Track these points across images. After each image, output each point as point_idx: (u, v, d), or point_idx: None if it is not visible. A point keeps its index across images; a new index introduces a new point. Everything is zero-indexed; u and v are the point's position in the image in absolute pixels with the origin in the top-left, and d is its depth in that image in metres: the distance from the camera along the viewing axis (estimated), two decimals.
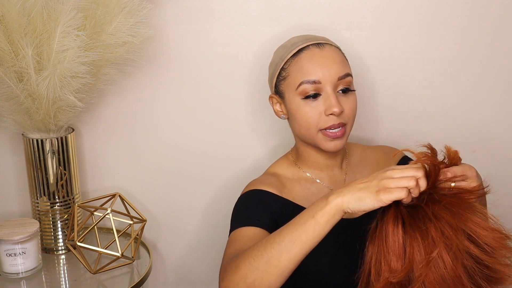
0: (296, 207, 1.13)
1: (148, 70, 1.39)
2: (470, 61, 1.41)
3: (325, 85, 1.07)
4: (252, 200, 1.12)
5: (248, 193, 1.14)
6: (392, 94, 1.43)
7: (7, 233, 1.19)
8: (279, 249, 0.86)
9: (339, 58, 1.10)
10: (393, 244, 0.83)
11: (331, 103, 1.06)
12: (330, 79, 1.07)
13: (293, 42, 1.13)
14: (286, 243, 0.86)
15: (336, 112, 1.06)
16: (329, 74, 1.07)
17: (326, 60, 1.08)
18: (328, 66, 1.07)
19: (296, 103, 1.10)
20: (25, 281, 1.22)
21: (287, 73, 1.11)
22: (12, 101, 1.22)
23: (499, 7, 1.37)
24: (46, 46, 1.15)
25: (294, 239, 0.86)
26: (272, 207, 1.10)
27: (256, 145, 1.46)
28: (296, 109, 1.10)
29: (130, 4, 1.21)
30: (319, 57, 1.09)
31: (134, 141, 1.46)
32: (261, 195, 1.12)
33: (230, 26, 1.38)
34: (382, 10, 1.37)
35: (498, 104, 1.44)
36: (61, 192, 1.31)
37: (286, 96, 1.12)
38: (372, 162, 1.23)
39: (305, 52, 1.10)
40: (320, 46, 1.10)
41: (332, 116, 1.07)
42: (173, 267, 1.55)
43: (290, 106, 1.12)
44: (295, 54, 1.11)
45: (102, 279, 1.24)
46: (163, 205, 1.50)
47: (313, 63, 1.08)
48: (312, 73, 1.07)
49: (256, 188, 1.14)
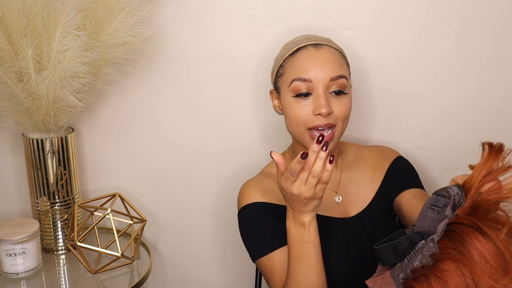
0: None
1: (148, 70, 1.39)
2: (470, 61, 1.41)
3: (316, 84, 1.08)
4: (259, 217, 1.14)
5: (250, 209, 1.15)
6: (392, 94, 1.43)
7: (7, 233, 1.19)
8: (305, 276, 1.00)
9: (335, 59, 1.10)
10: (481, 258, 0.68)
11: (319, 104, 1.07)
12: (322, 79, 1.08)
13: (294, 41, 1.15)
14: (305, 273, 1.00)
15: (323, 113, 1.07)
16: (321, 74, 1.08)
17: (320, 61, 1.09)
18: (321, 67, 1.08)
19: (288, 99, 1.12)
20: (25, 281, 1.22)
21: (283, 70, 1.13)
22: (12, 101, 1.22)
23: (499, 7, 1.37)
24: (46, 46, 1.15)
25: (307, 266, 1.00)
26: (278, 217, 1.11)
27: (256, 145, 1.46)
28: (287, 105, 1.12)
29: (130, 4, 1.21)
30: (314, 57, 1.10)
31: (134, 141, 1.46)
32: (263, 210, 1.14)
33: (230, 26, 1.38)
34: (382, 10, 1.37)
35: (498, 104, 1.44)
36: (61, 192, 1.31)
37: (281, 93, 1.14)
38: (367, 161, 1.24)
39: (302, 51, 1.11)
40: (318, 47, 1.11)
41: (319, 116, 1.08)
42: (173, 267, 1.55)
43: (283, 102, 1.14)
44: (293, 53, 1.12)
45: (102, 279, 1.24)
46: (163, 205, 1.50)
47: (307, 62, 1.09)
48: (304, 71, 1.09)
49: (255, 201, 1.15)
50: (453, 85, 1.42)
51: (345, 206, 1.19)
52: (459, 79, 1.42)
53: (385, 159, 1.25)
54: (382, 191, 1.21)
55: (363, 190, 1.21)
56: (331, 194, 1.19)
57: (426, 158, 1.45)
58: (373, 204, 1.19)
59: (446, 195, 0.78)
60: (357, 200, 1.19)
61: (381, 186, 1.21)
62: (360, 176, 1.22)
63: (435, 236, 0.72)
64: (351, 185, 1.20)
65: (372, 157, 1.25)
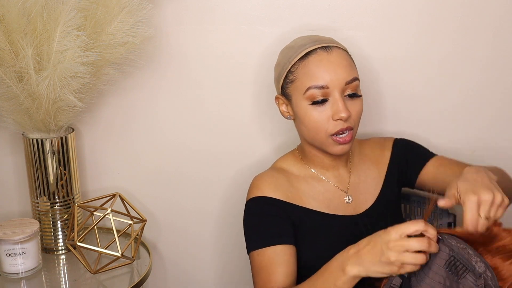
0: (302, 210, 1.15)
1: (148, 70, 1.39)
2: (470, 61, 1.41)
3: (332, 90, 1.08)
4: (263, 212, 1.13)
5: (257, 203, 1.15)
6: (392, 94, 1.43)
7: (7, 233, 1.19)
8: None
9: (347, 62, 1.10)
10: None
11: (338, 108, 1.07)
12: (338, 83, 1.07)
13: (300, 44, 1.13)
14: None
15: (343, 117, 1.07)
16: (337, 78, 1.07)
17: (333, 65, 1.08)
18: (335, 71, 1.08)
19: (304, 107, 1.10)
20: (25, 281, 1.22)
21: (294, 76, 1.11)
22: (12, 101, 1.22)
23: (499, 7, 1.37)
24: (46, 46, 1.15)
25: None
26: (283, 216, 1.12)
27: (255, 145, 1.46)
28: (304, 113, 1.11)
29: (130, 4, 1.21)
30: (326, 61, 1.08)
31: (134, 141, 1.46)
32: (270, 206, 1.13)
33: (230, 26, 1.38)
34: (382, 10, 1.37)
35: (498, 104, 1.44)
36: (61, 192, 1.31)
37: (293, 99, 1.12)
38: (371, 158, 1.25)
39: (313, 56, 1.09)
40: (328, 49, 1.10)
41: (339, 121, 1.08)
42: (173, 267, 1.55)
43: (298, 109, 1.12)
44: (302, 57, 1.10)
45: (102, 279, 1.24)
46: (163, 205, 1.50)
47: (320, 68, 1.08)
48: (320, 78, 1.07)
49: (263, 196, 1.14)
50: (452, 85, 1.42)
51: (355, 206, 1.19)
52: (458, 79, 1.42)
53: (384, 149, 1.26)
54: (388, 183, 1.22)
55: (371, 187, 1.21)
56: (341, 194, 1.19)
57: None
58: (381, 198, 1.20)
59: (469, 266, 0.82)
60: (365, 198, 1.20)
61: (386, 179, 1.22)
62: (367, 174, 1.22)
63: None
64: (360, 185, 1.21)
65: (373, 151, 1.26)
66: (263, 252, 1.09)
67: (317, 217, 1.15)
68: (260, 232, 1.12)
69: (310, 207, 1.16)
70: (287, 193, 1.15)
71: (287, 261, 1.08)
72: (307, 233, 1.14)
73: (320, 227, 1.14)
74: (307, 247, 1.13)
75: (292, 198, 1.15)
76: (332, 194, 1.18)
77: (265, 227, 1.12)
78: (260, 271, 1.09)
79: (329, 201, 1.17)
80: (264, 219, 1.13)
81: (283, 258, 1.08)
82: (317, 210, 1.16)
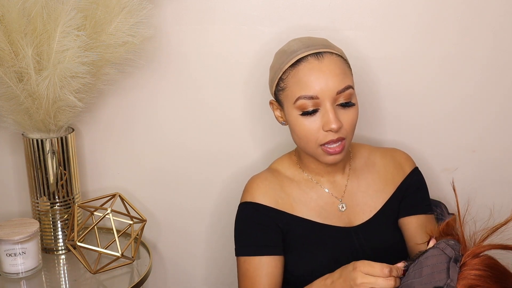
0: (292, 218, 1.13)
1: (148, 70, 1.39)
2: (470, 61, 1.41)
3: (323, 100, 1.04)
4: (253, 219, 1.13)
5: (247, 208, 1.15)
6: (392, 94, 1.43)
7: (7, 233, 1.19)
8: None
9: (339, 69, 1.06)
10: None
11: (329, 119, 1.04)
12: (329, 93, 1.04)
13: (292, 50, 1.09)
14: None
15: (334, 129, 1.03)
16: (328, 89, 1.03)
17: (324, 74, 1.04)
18: (326, 80, 1.03)
19: (294, 116, 1.08)
20: (25, 281, 1.22)
21: (285, 84, 1.08)
22: (12, 101, 1.22)
23: (499, 7, 1.37)
24: (46, 46, 1.15)
25: None
26: (271, 225, 1.12)
27: (256, 145, 1.46)
28: (294, 122, 1.08)
29: (130, 4, 1.21)
30: (317, 70, 1.04)
31: (134, 141, 1.46)
32: (259, 213, 1.13)
33: (230, 26, 1.38)
34: (382, 10, 1.37)
35: (498, 104, 1.44)
36: (61, 192, 1.31)
37: (285, 107, 1.10)
38: (379, 167, 1.19)
39: (303, 64, 1.06)
40: (319, 56, 1.06)
41: (330, 131, 1.05)
42: (173, 267, 1.55)
43: (289, 117, 1.10)
44: (293, 65, 1.07)
45: (102, 279, 1.24)
46: (163, 205, 1.50)
47: (311, 77, 1.04)
48: (310, 88, 1.04)
49: (253, 201, 1.14)
50: (452, 85, 1.42)
51: (349, 215, 1.15)
52: (459, 79, 1.42)
53: (400, 171, 1.19)
54: (392, 203, 1.17)
55: (371, 200, 1.16)
56: (335, 201, 1.15)
57: (425, 157, 1.45)
58: (380, 215, 1.15)
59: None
60: (363, 210, 1.15)
61: (391, 199, 1.17)
62: (370, 185, 1.17)
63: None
64: (358, 194, 1.16)
65: (386, 165, 1.19)
66: (249, 260, 1.09)
67: (307, 225, 1.13)
68: (248, 239, 1.12)
69: (300, 215, 1.13)
70: (277, 199, 1.13)
71: (271, 273, 1.08)
72: (295, 241, 1.12)
73: (309, 236, 1.12)
74: (294, 255, 1.12)
75: (282, 205, 1.13)
76: (325, 201, 1.15)
77: (253, 235, 1.12)
78: (244, 278, 1.10)
79: (321, 208, 1.14)
80: (253, 226, 1.12)
81: (268, 270, 1.08)
82: (307, 218, 1.13)
